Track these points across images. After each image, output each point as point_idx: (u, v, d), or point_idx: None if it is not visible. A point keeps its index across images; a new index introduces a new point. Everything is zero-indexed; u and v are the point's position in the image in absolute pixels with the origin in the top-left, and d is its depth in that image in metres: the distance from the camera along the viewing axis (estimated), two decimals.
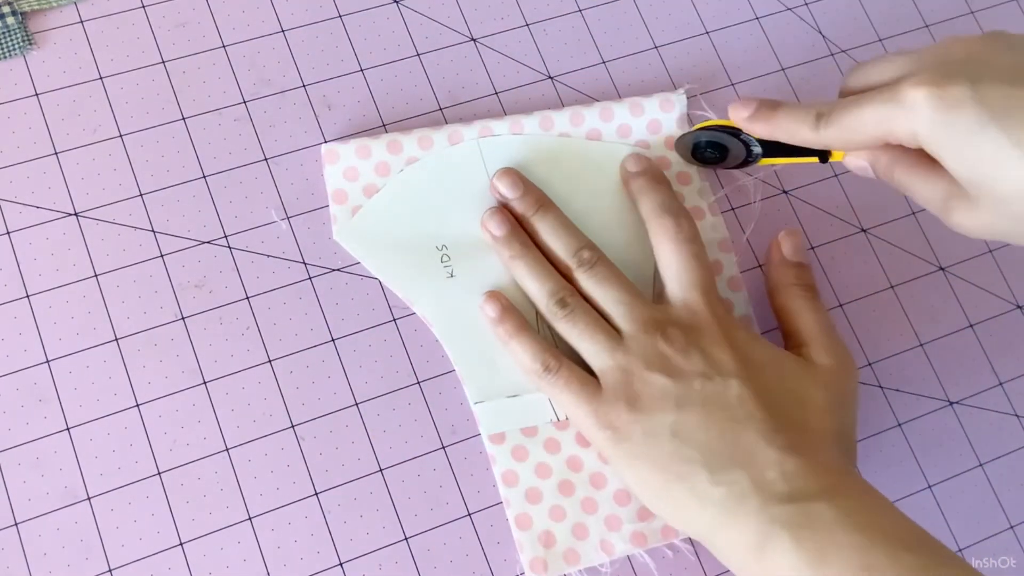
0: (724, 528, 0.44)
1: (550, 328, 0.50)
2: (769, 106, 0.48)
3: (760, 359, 0.47)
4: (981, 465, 0.55)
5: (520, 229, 0.51)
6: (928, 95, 0.41)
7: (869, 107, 0.43)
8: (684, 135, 0.53)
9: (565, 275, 0.50)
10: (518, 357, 0.49)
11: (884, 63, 0.45)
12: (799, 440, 0.45)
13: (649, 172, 0.53)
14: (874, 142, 0.44)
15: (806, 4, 0.62)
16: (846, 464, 0.46)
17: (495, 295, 0.51)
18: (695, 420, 0.45)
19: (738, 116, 0.49)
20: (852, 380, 0.49)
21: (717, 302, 0.49)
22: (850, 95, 0.46)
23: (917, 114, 0.41)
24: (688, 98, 0.57)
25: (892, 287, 0.57)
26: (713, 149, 0.53)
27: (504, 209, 0.52)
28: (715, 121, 0.52)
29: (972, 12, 0.64)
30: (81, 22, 0.53)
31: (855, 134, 0.44)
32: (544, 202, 0.52)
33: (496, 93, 0.56)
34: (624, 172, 0.53)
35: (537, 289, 0.50)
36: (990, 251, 0.59)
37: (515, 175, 0.52)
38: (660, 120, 0.56)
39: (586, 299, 0.49)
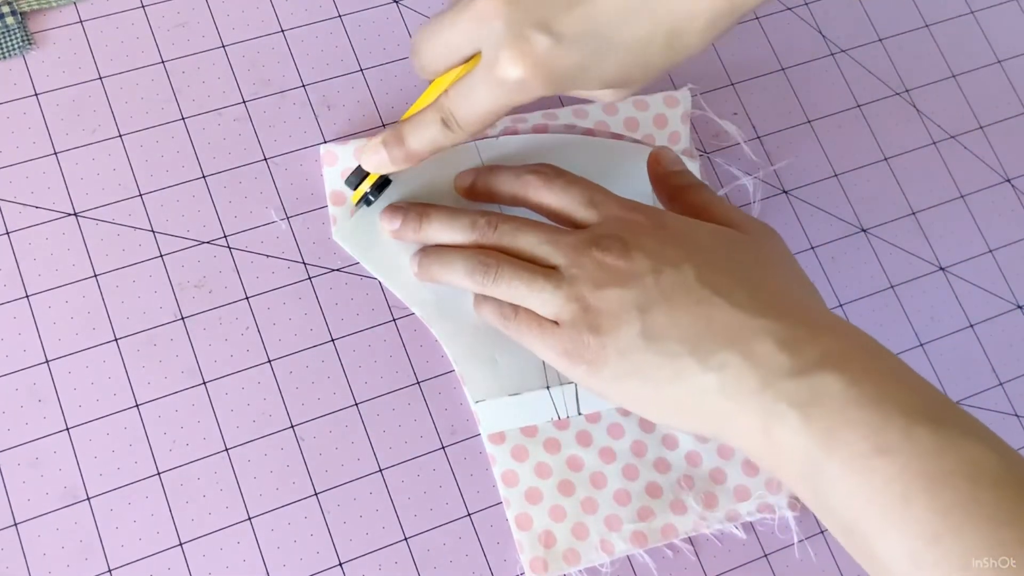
0: (730, 417, 0.41)
1: None
2: (401, 158, 0.47)
3: (701, 238, 0.45)
4: None
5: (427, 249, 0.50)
6: (530, 69, 0.42)
7: (488, 99, 0.43)
8: (348, 222, 0.51)
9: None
10: (486, 316, 0.48)
11: (450, 33, 0.44)
12: (778, 301, 0.43)
13: (480, 173, 0.51)
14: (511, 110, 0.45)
15: (806, 4, 0.62)
16: (837, 318, 0.44)
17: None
18: (663, 316, 0.42)
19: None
20: (783, 242, 0.48)
21: (629, 203, 0.47)
22: (434, 75, 0.46)
23: (535, 89, 0.42)
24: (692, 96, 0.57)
25: (892, 287, 0.57)
26: (375, 191, 0.50)
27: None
28: (359, 192, 0.50)
29: (972, 12, 0.64)
30: (81, 22, 0.53)
31: (490, 119, 0.44)
32: (422, 212, 0.49)
33: None
34: (458, 183, 0.52)
35: (456, 276, 0.48)
36: (990, 251, 0.59)
37: (386, 212, 0.50)
38: (666, 115, 0.56)
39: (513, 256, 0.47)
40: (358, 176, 0.50)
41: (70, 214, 0.50)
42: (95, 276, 0.50)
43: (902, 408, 0.38)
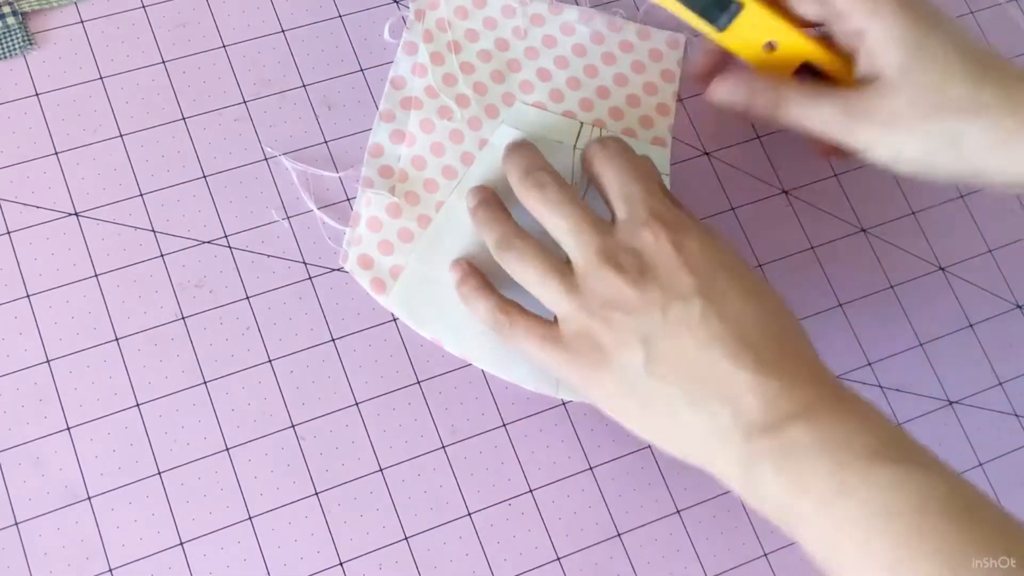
0: (715, 456, 0.44)
1: None
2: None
3: (713, 259, 0.46)
4: (981, 465, 0.55)
5: (489, 189, 0.51)
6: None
7: None
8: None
9: (524, 202, 0.49)
10: (478, 316, 0.49)
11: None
12: (770, 350, 0.44)
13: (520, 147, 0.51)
14: None
15: None
16: (807, 355, 0.45)
17: (459, 263, 0.51)
18: (665, 353, 0.44)
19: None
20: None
21: (658, 201, 0.47)
22: None
23: None
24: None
25: (892, 287, 0.57)
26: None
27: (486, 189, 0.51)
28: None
29: (972, 12, 0.64)
30: (81, 22, 0.53)
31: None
32: (521, 145, 0.51)
33: None
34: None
35: (488, 236, 0.49)
36: (990, 251, 0.59)
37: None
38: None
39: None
40: None
41: (71, 214, 0.50)
42: (96, 276, 0.50)
43: (864, 451, 0.41)
